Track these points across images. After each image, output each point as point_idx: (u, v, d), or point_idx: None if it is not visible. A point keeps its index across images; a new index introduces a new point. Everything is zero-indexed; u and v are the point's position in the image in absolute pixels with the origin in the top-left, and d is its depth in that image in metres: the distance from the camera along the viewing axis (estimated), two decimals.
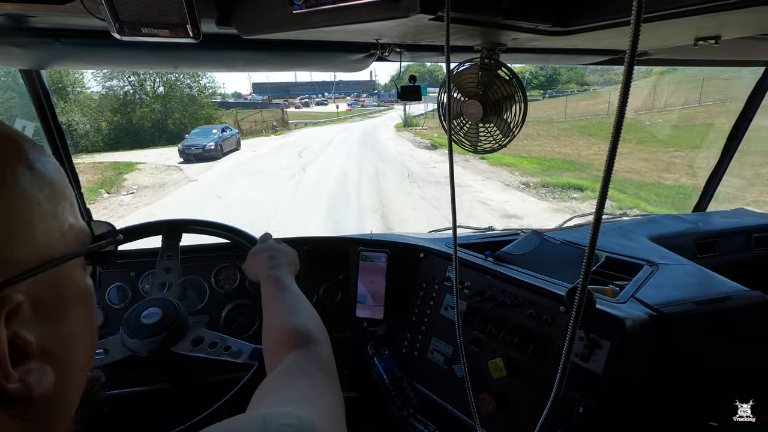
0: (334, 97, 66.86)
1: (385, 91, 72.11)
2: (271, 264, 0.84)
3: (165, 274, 1.06)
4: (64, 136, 1.32)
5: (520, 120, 0.91)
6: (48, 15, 0.76)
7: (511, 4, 0.67)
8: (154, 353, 0.89)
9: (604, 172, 0.42)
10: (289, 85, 68.00)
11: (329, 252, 1.45)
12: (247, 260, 0.91)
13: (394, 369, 1.25)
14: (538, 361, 0.97)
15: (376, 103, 59.14)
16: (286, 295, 0.75)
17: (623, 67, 0.40)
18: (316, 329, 0.66)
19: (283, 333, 0.64)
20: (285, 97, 61.12)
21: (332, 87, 67.57)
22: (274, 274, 0.81)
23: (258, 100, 57.62)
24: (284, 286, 0.77)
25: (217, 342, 0.91)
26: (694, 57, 1.42)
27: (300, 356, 0.58)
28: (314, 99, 63.85)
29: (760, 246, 1.68)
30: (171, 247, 1.12)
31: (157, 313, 0.92)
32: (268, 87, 65.08)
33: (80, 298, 0.35)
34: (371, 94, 71.28)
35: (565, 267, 1.20)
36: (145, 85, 22.64)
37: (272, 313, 0.71)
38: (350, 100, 64.56)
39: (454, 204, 0.74)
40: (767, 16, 0.69)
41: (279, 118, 27.00)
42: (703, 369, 0.98)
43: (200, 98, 23.94)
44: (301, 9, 0.66)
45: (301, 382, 0.52)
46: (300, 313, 0.69)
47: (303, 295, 0.76)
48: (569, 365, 0.52)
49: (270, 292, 0.76)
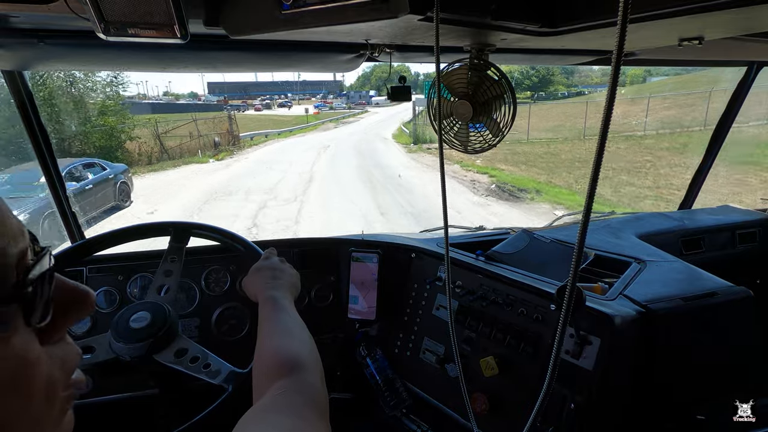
0: (298, 98, 61.50)
1: (355, 92, 68.22)
2: (272, 284, 0.82)
3: (164, 277, 1.05)
4: (48, 137, 1.29)
5: (509, 120, 0.91)
6: (31, 15, 0.75)
7: (499, 5, 0.67)
8: (137, 359, 0.88)
9: (592, 172, 0.42)
10: (248, 85, 62.31)
11: (321, 253, 1.44)
12: (248, 276, 0.88)
13: (387, 369, 1.25)
14: (530, 358, 0.98)
15: (346, 105, 54.67)
16: (282, 318, 0.73)
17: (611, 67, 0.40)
18: (307, 355, 0.64)
19: (274, 358, 0.63)
20: (243, 98, 55.35)
21: (296, 87, 62.43)
22: (273, 295, 0.79)
23: (212, 101, 51.43)
24: (281, 308, 0.75)
25: (199, 357, 0.90)
26: (678, 57, 1.45)
27: (288, 387, 0.56)
28: (276, 100, 57.91)
29: (744, 242, 1.72)
30: (176, 249, 1.11)
31: (146, 317, 0.90)
32: (224, 87, 59.61)
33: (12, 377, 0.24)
34: (339, 95, 66.38)
35: (555, 265, 1.21)
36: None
37: (266, 335, 0.70)
38: (317, 101, 59.52)
39: (445, 203, 0.74)
40: (748, 17, 0.71)
41: (224, 131, 17.85)
42: (690, 363, 1.00)
43: (95, 99, 13.64)
44: (290, 9, 0.65)
45: (285, 421, 0.50)
46: (293, 338, 0.68)
47: (300, 318, 0.74)
48: (558, 362, 0.52)
49: (266, 313, 0.75)
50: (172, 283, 1.04)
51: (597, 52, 1.18)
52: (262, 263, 0.91)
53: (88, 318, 1.22)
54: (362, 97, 63.03)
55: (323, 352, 0.68)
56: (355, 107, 51.98)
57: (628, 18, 0.39)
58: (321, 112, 43.20)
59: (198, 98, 57.41)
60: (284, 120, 32.42)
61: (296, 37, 0.89)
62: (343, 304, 1.37)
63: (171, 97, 61.62)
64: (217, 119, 19.00)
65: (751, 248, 1.73)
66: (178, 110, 31.95)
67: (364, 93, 67.33)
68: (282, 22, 0.68)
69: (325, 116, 37.15)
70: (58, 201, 1.34)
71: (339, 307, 1.41)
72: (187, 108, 34.63)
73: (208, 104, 46.12)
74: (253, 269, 0.89)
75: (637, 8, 0.61)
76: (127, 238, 1.14)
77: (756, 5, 0.60)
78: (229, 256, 1.34)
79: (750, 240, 1.74)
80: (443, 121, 0.98)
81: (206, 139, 16.84)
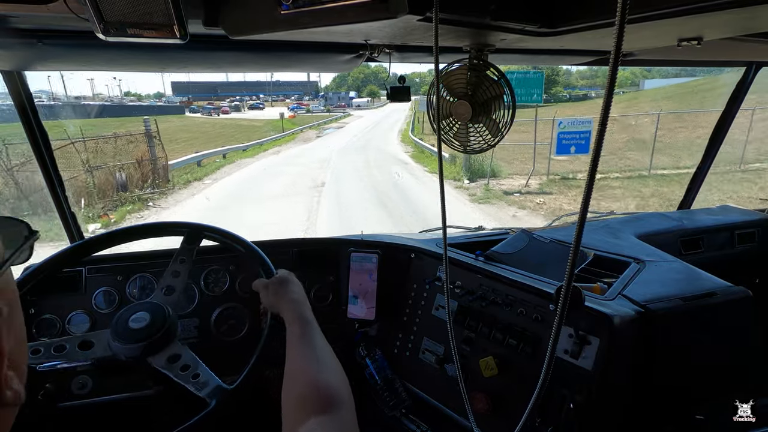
0: (271, 99, 56.62)
1: (333, 93, 63.11)
2: (300, 302, 0.86)
3: (172, 278, 1.05)
4: (47, 138, 1.29)
5: (508, 120, 0.92)
6: (30, 15, 0.75)
7: (499, 5, 0.68)
8: (131, 359, 0.88)
9: (589, 171, 0.43)
10: (217, 85, 57.33)
11: (320, 253, 1.44)
12: (271, 290, 0.92)
13: (386, 369, 1.25)
14: (529, 358, 0.98)
15: (324, 108, 49.66)
16: (317, 343, 0.75)
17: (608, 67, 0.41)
18: (342, 388, 0.65)
19: (308, 389, 0.64)
20: (211, 99, 50.06)
21: (269, 87, 57.26)
22: (305, 315, 0.82)
23: (175, 102, 45.75)
24: (314, 331, 0.78)
25: (190, 365, 0.89)
26: (677, 57, 1.45)
27: (327, 425, 0.57)
28: (247, 102, 51.77)
29: (743, 242, 1.72)
30: (188, 251, 1.10)
31: (146, 318, 0.90)
32: (189, 87, 54.66)
33: (17, 302, 0.35)
34: (316, 97, 61.32)
35: (554, 265, 1.21)
36: None
37: (298, 361, 0.71)
38: (292, 102, 53.87)
39: (443, 204, 0.74)
40: (747, 18, 0.71)
41: (142, 157, 9.91)
42: (689, 363, 1.00)
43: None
44: (289, 10, 0.65)
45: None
46: (329, 369, 0.69)
47: (329, 344, 0.76)
48: (553, 361, 0.53)
49: (297, 334, 0.76)
50: (179, 285, 1.04)
51: (596, 53, 1.18)
52: (285, 277, 0.95)
53: (87, 318, 1.22)
54: (341, 99, 58.61)
55: None
56: (334, 110, 48.15)
57: (627, 18, 0.39)
58: (297, 116, 38.30)
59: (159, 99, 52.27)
60: (254, 126, 26.99)
61: (296, 37, 0.89)
62: (343, 304, 1.37)
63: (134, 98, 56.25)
64: (134, 137, 10.55)
65: (750, 248, 1.74)
66: (124, 113, 28.44)
67: (343, 94, 62.96)
68: (281, 22, 0.68)
69: (302, 121, 31.69)
70: (58, 201, 1.34)
71: (338, 308, 1.41)
72: (135, 111, 30.04)
73: (169, 106, 41.14)
74: (275, 282, 0.93)
75: (636, 8, 0.61)
76: (127, 238, 1.14)
77: (755, 5, 0.60)
78: (229, 257, 1.34)
79: (749, 240, 1.74)
80: (442, 122, 0.98)
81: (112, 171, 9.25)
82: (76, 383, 1.14)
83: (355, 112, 44.85)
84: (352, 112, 45.98)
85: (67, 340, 0.91)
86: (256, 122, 30.31)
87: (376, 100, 61.71)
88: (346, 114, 41.98)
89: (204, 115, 39.50)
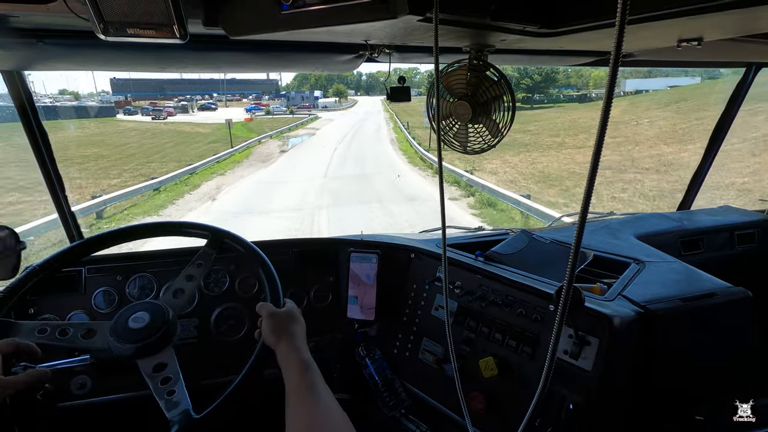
0: (225, 99, 50.56)
1: (296, 92, 56.01)
2: (303, 347, 0.84)
3: (185, 281, 1.03)
4: (47, 138, 1.29)
5: (508, 120, 0.92)
6: (30, 15, 0.75)
7: (499, 5, 0.68)
8: (123, 359, 0.87)
9: (589, 173, 0.43)
10: (164, 83, 50.15)
11: (320, 253, 1.44)
12: (276, 322, 0.89)
13: (386, 370, 1.25)
14: (529, 359, 0.98)
15: (286, 109, 43.79)
16: (320, 392, 0.73)
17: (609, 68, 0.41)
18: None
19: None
20: (155, 99, 42.55)
21: (223, 86, 50.75)
22: (305, 359, 0.79)
23: (110, 102, 38.47)
24: (316, 382, 0.75)
25: (171, 379, 0.86)
26: (677, 58, 1.45)
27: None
28: (197, 102, 44.96)
29: (742, 243, 1.72)
30: (207, 256, 1.08)
31: (145, 319, 0.90)
32: (132, 84, 48.31)
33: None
34: (277, 96, 54.67)
35: (554, 266, 1.21)
36: None
37: (303, 414, 0.69)
38: (249, 103, 48.02)
39: (443, 204, 0.74)
40: (747, 18, 0.71)
41: None
42: (689, 364, 1.00)
43: None
44: (290, 10, 0.65)
45: None
46: (337, 423, 0.68)
47: (330, 391, 0.74)
48: (554, 362, 0.53)
49: (300, 384, 0.74)
50: (189, 289, 1.02)
51: (596, 53, 1.18)
52: (293, 312, 0.93)
53: (87, 318, 1.22)
54: (305, 99, 52.46)
55: (322, 352, 0.68)
56: (298, 111, 42.38)
57: (627, 19, 0.39)
58: (255, 118, 32.41)
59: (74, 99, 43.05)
60: (199, 133, 20.51)
61: (296, 37, 0.89)
62: (342, 304, 1.37)
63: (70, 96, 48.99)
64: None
65: (750, 249, 1.74)
66: None
67: (307, 93, 56.24)
68: (281, 22, 0.68)
69: (260, 126, 25.52)
70: (57, 201, 1.34)
71: (338, 308, 1.41)
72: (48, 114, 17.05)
73: (100, 106, 32.59)
74: (273, 315, 0.90)
75: (636, 9, 0.61)
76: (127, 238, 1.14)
77: (755, 6, 0.60)
78: (229, 257, 1.34)
79: (749, 241, 1.74)
80: (442, 122, 0.99)
81: None
82: (75, 383, 1.14)
83: (322, 114, 40.35)
84: (319, 113, 40.94)
85: (72, 325, 0.91)
86: (203, 127, 23.92)
87: (344, 101, 56.82)
88: (313, 117, 36.52)
89: (144, 116, 32.66)
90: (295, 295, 1.38)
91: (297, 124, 28.33)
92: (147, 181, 10.74)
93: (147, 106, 36.60)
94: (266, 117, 36.17)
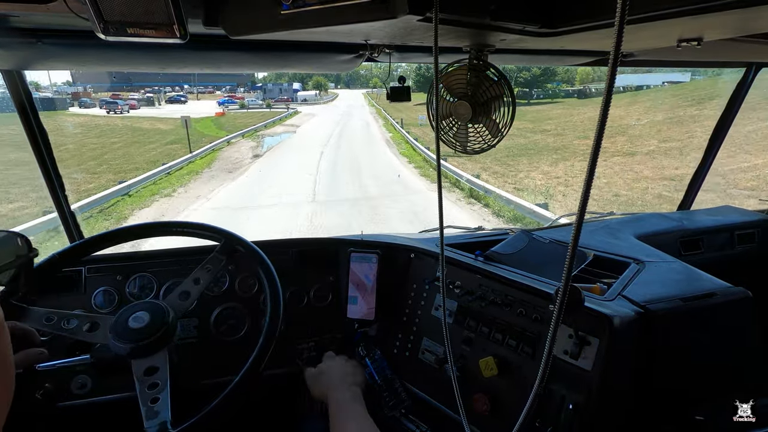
0: (197, 91, 46.60)
1: (274, 84, 51.47)
2: (336, 388, 1.02)
3: (192, 284, 1.03)
4: (47, 137, 1.29)
5: (508, 120, 0.92)
6: (29, 15, 0.75)
7: (499, 5, 0.68)
8: (121, 359, 0.88)
9: (587, 173, 0.43)
10: (132, 74, 43.52)
11: (319, 253, 1.44)
12: (316, 382, 1.06)
13: (386, 370, 1.25)
14: (529, 359, 0.98)
15: (263, 102, 40.14)
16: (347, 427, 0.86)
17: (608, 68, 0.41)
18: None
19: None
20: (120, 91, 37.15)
21: (194, 78, 46.04)
22: (336, 398, 0.99)
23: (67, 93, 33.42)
24: (342, 418, 0.92)
25: (157, 385, 0.85)
26: (677, 58, 1.45)
27: None
28: (166, 94, 40.47)
29: (742, 243, 1.72)
30: (217, 261, 1.08)
31: (144, 319, 0.90)
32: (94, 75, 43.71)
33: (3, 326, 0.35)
34: (253, 89, 50.83)
35: (554, 265, 1.21)
36: None
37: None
38: (222, 96, 43.61)
39: (441, 204, 0.74)
40: (747, 18, 0.71)
41: None
42: (689, 364, 1.00)
43: None
44: (289, 10, 0.65)
45: None
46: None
47: (363, 421, 0.91)
48: (551, 362, 0.53)
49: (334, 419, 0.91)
50: (195, 292, 1.02)
51: (596, 53, 1.18)
52: (323, 368, 1.10)
53: (86, 317, 1.22)
54: (284, 92, 48.48)
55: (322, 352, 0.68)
56: (275, 104, 39.09)
57: (627, 19, 0.39)
58: (228, 113, 28.80)
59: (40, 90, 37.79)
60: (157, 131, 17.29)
61: (296, 37, 0.89)
62: (342, 304, 1.37)
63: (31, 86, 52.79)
64: None
65: (750, 249, 1.74)
66: None
67: (285, 86, 51.88)
68: (281, 22, 0.68)
69: (232, 121, 22.31)
70: (57, 201, 1.34)
71: (338, 308, 1.41)
72: None
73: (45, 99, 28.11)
74: (316, 373, 1.09)
75: (636, 9, 0.61)
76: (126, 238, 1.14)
77: (755, 6, 0.60)
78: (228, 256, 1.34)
79: (749, 241, 1.74)
80: (442, 122, 0.99)
81: None
82: (75, 383, 1.14)
83: (302, 108, 37.35)
84: (299, 107, 37.65)
85: (78, 316, 0.92)
86: (165, 123, 19.47)
87: (324, 94, 53.45)
88: (293, 112, 32.93)
89: (101, 109, 28.91)
90: (295, 294, 1.38)
91: (274, 120, 24.86)
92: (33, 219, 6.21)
93: (108, 99, 32.09)
94: (241, 111, 31.98)
